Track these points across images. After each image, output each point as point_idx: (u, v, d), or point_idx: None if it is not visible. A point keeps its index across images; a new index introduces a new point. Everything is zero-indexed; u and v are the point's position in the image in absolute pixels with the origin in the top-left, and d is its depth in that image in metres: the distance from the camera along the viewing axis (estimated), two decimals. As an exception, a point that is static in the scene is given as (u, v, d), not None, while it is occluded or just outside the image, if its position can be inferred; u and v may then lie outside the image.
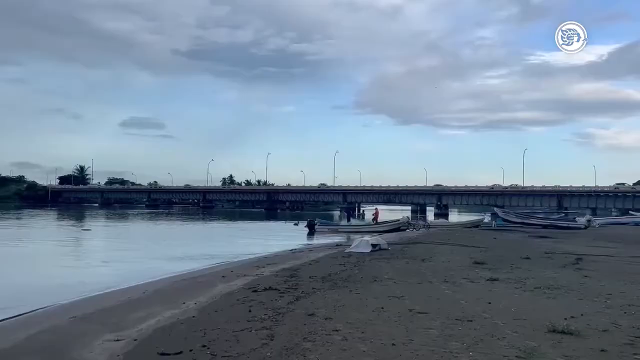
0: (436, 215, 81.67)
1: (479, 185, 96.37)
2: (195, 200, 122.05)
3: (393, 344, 5.99)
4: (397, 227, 36.56)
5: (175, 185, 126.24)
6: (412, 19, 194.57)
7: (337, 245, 23.47)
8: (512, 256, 16.53)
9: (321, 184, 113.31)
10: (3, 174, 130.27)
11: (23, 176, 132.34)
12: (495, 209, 52.50)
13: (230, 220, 61.48)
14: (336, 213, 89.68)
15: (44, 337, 7.58)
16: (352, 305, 8.42)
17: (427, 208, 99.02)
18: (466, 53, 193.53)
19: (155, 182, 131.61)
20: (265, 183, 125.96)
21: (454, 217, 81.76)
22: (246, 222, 56.43)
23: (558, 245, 21.75)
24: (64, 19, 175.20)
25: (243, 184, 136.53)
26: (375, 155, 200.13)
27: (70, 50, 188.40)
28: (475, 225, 41.07)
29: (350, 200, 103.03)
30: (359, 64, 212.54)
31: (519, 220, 41.97)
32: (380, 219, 41.39)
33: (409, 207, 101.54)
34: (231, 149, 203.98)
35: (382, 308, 8.07)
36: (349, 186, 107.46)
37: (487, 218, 49.31)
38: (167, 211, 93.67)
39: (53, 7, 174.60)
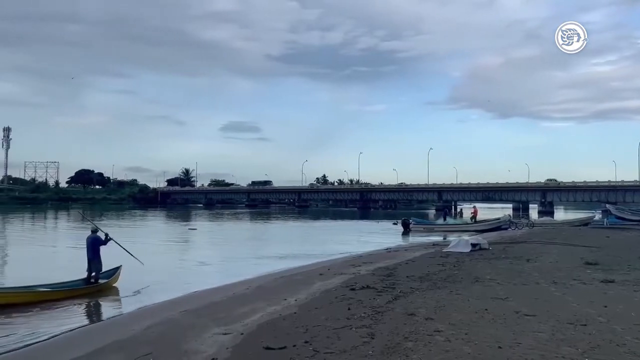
0: (540, 213, 77.15)
1: (587, 180, 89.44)
2: (291, 200, 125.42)
3: (499, 347, 5.76)
4: (497, 226, 35.15)
5: (271, 185, 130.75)
6: (507, 7, 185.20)
7: (433, 244, 22.96)
8: (629, 256, 15.23)
9: (400, 183, 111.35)
10: (119, 178, 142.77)
11: (135, 180, 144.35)
12: (607, 205, 48.56)
13: (324, 219, 62.39)
14: (431, 212, 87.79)
15: (159, 329, 8.13)
16: (453, 305, 8.21)
17: (530, 206, 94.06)
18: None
19: (254, 182, 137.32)
20: (357, 182, 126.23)
21: (560, 214, 76.76)
22: (340, 221, 56.92)
23: (684, 245, 19.65)
24: (166, 31, 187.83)
25: (336, 184, 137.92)
26: (471, 151, 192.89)
27: (173, 60, 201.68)
28: (585, 223, 38.23)
29: (445, 198, 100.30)
30: (452, 57, 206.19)
31: (636, 218, 38.45)
32: (479, 217, 39.92)
33: (510, 205, 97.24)
34: (324, 149, 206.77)
35: (486, 309, 7.79)
36: (444, 184, 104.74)
37: (597, 216, 45.78)
38: (264, 211, 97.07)
39: (156, 21, 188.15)
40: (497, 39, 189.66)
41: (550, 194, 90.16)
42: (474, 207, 45.51)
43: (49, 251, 23.76)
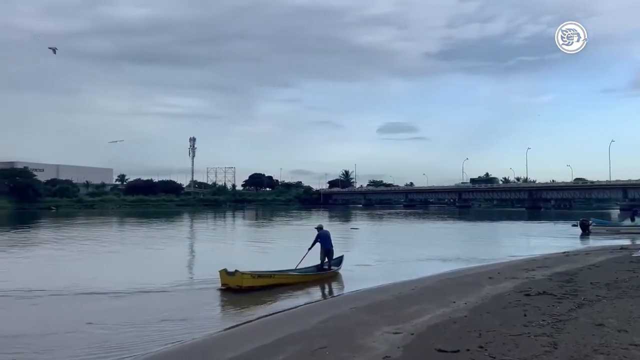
0: None
1: None
2: (451, 200, 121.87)
3: None
4: (702, 228, 30.04)
5: (430, 185, 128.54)
6: None
7: (621, 248, 20.45)
8: None
9: (576, 179, 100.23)
10: (285, 181, 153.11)
11: (301, 182, 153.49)
12: None
13: (489, 220, 59.38)
14: (614, 211, 78.22)
15: (332, 324, 8.52)
16: (651, 318, 7.26)
17: None
18: None
19: (412, 183, 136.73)
20: (525, 180, 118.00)
21: None
22: (506, 222, 53.63)
23: None
24: (325, 40, 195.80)
25: (500, 182, 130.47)
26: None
27: (332, 67, 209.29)
28: None
29: (632, 196, 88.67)
30: (636, 37, 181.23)
31: None
32: (677, 218, 34.52)
33: None
34: (486, 146, 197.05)
35: (695, 325, 6.74)
36: (630, 180, 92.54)
37: None
38: (423, 211, 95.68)
39: (315, 31, 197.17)
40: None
41: None
42: (671, 206, 39.50)
43: (231, 246, 26.40)
